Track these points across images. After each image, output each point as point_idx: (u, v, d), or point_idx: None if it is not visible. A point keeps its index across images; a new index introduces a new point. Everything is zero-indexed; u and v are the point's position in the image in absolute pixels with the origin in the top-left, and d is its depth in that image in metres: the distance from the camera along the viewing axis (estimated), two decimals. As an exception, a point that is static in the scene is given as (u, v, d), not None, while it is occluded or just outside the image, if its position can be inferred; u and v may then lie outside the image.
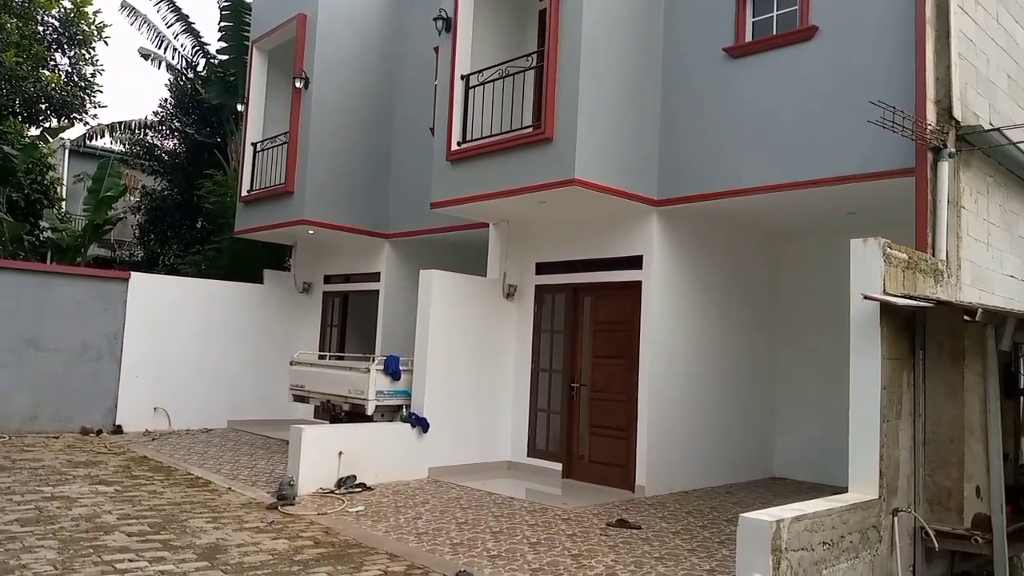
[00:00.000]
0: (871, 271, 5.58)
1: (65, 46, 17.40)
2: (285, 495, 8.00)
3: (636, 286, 9.50)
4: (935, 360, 5.87)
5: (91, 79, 17.76)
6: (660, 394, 9.33)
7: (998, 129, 7.19)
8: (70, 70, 17.65)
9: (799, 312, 10.97)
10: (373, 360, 9.91)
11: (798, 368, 10.91)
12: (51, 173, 16.79)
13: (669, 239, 9.51)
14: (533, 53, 9.54)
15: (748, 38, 8.63)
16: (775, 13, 8.56)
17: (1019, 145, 7.34)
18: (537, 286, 10.76)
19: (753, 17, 8.72)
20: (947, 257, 6.68)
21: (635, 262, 9.54)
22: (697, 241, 9.88)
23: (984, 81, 7.73)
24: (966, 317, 5.58)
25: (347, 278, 14.51)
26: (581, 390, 10.12)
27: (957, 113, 6.97)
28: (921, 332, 5.90)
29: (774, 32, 8.46)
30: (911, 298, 5.52)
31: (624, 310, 9.65)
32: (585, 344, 10.21)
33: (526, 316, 10.81)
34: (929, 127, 6.75)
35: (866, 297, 5.43)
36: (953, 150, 6.86)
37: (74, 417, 12.26)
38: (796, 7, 8.26)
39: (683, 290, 9.71)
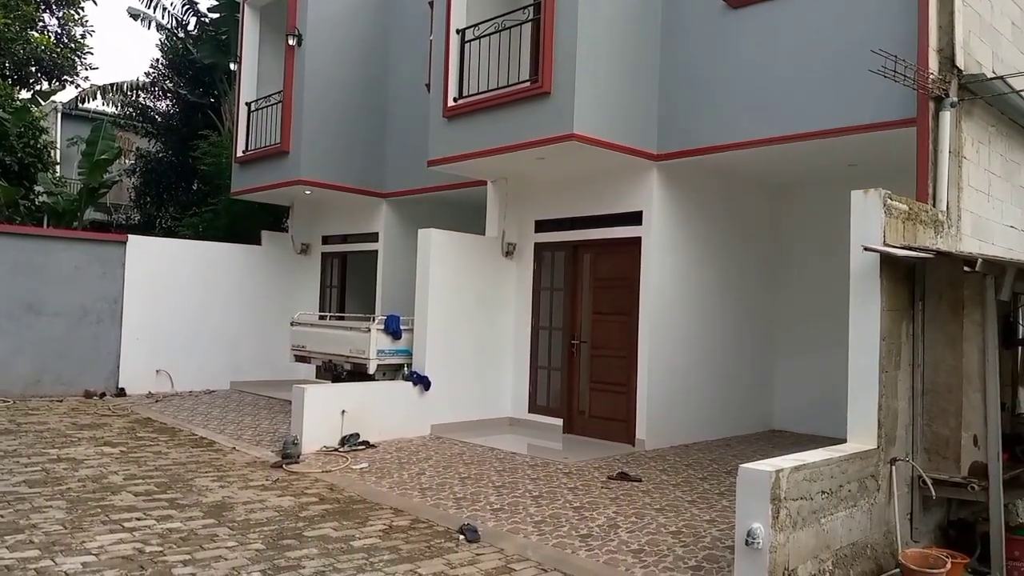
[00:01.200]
0: (871, 222, 5.55)
1: (54, 6, 17.11)
2: (289, 454, 8.08)
3: (636, 242, 9.47)
4: (934, 311, 5.88)
5: (81, 40, 17.52)
6: (660, 350, 9.37)
7: (1001, 77, 7.09)
8: (59, 31, 17.39)
9: (800, 266, 10.97)
10: (374, 320, 9.94)
11: (798, 322, 10.94)
12: (44, 137, 16.62)
13: (669, 194, 9.46)
14: (529, 6, 9.35)
15: (748, -13, 8.46)
16: (775, -39, 8.38)
17: (1022, 93, 7.25)
18: (536, 244, 10.73)
19: (753, -35, 8.54)
20: (948, 208, 6.64)
21: (635, 218, 9.50)
22: (697, 196, 9.83)
23: (988, 29, 7.61)
24: (966, 267, 5.55)
25: (345, 238, 14.47)
26: (581, 347, 10.16)
27: (960, 62, 6.87)
28: (921, 283, 5.90)
29: (775, -20, 8.29)
30: (911, 249, 5.51)
31: (624, 266, 9.64)
32: (585, 301, 10.22)
33: (525, 274, 10.81)
34: (931, 76, 6.65)
35: (866, 248, 5.41)
36: (955, 99, 6.78)
37: (77, 380, 12.33)
38: (797, -46, 8.08)
39: (683, 245, 9.69)
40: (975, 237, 7.10)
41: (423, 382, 9.65)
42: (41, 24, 17.02)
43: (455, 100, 9.69)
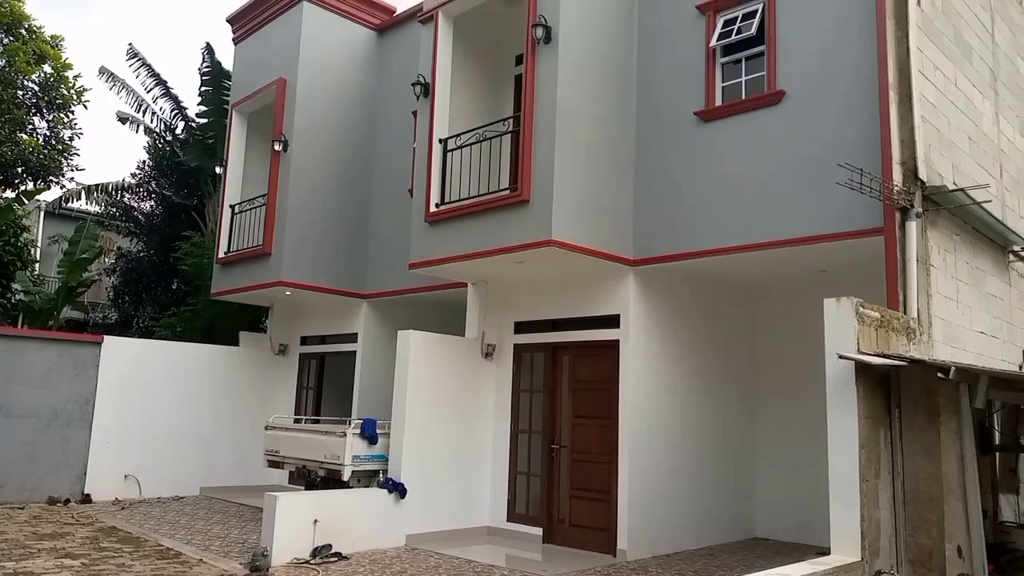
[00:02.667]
0: (845, 330, 5.64)
1: (44, 110, 17.47)
2: (259, 566, 7.76)
3: (614, 345, 9.51)
4: (911, 418, 5.90)
5: (69, 142, 17.80)
6: (640, 455, 9.26)
7: (962, 189, 7.39)
8: (48, 133, 17.69)
9: (776, 368, 11.01)
10: (349, 423, 9.77)
11: (777, 425, 10.90)
12: (25, 235, 16.66)
13: (646, 298, 9.57)
14: (509, 118, 9.71)
15: (718, 102, 8.86)
16: (744, 78, 8.81)
17: (982, 205, 7.53)
18: (516, 345, 10.74)
19: (723, 82, 8.97)
20: (918, 315, 6.78)
21: (612, 321, 9.57)
22: (674, 299, 9.96)
23: (946, 143, 7.98)
24: (940, 375, 5.63)
25: (324, 339, 14.39)
26: (561, 451, 10.02)
27: (922, 174, 7.16)
28: (896, 390, 5.95)
29: (743, 96, 8.70)
30: (885, 356, 5.58)
31: (603, 369, 9.64)
32: (564, 404, 10.15)
33: (505, 376, 10.76)
34: (896, 188, 6.92)
35: (841, 356, 5.48)
36: (920, 210, 7.03)
37: (41, 486, 11.90)
38: (764, 72, 8.52)
39: (661, 349, 9.73)
40: (947, 344, 7.21)
41: (399, 489, 9.42)
42: (31, 127, 17.33)
43: (437, 206, 9.89)
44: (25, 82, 17.04)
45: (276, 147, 12.81)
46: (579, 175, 8.85)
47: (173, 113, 19.87)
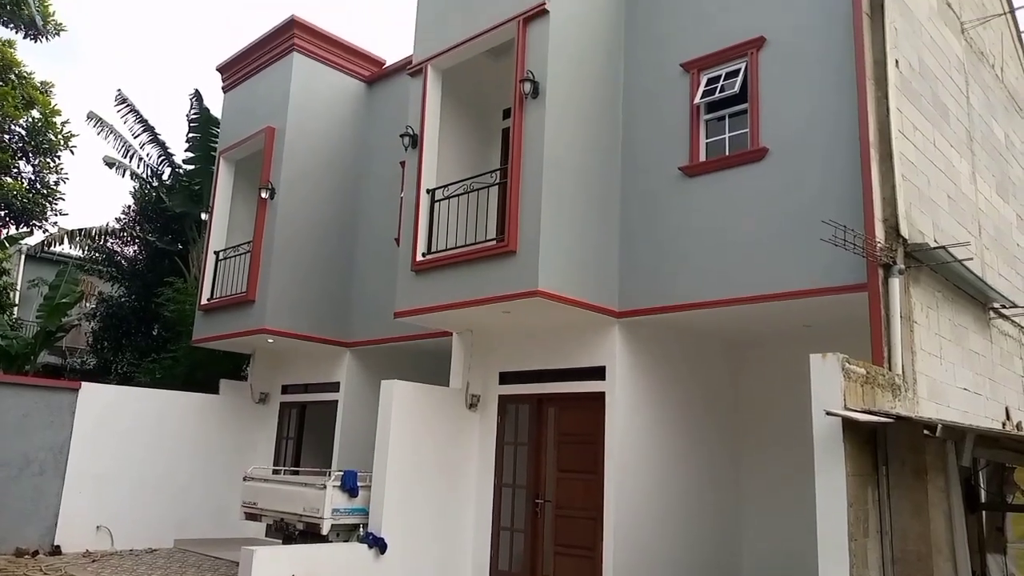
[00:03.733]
0: (831, 386, 5.64)
1: (30, 154, 17.43)
2: (232, 624, 7.52)
3: (599, 397, 9.44)
4: (898, 476, 5.87)
5: (54, 187, 17.74)
6: (626, 511, 9.12)
7: (943, 247, 7.48)
8: (33, 178, 17.62)
9: (762, 421, 10.95)
10: (330, 475, 9.59)
11: (763, 480, 10.79)
12: (4, 278, 16.47)
13: (631, 350, 9.55)
14: (497, 170, 9.79)
15: (702, 158, 8.98)
16: (727, 135, 8.96)
17: (964, 262, 7.63)
18: (501, 396, 10.64)
19: (707, 138, 9.11)
20: (903, 371, 6.79)
21: (598, 372, 9.53)
22: (659, 351, 9.94)
23: (927, 201, 8.11)
24: (926, 432, 5.62)
25: (305, 388, 14.21)
26: (546, 506, 9.86)
27: (904, 231, 7.25)
28: (883, 447, 5.92)
29: (727, 152, 8.83)
30: (872, 413, 5.57)
31: (588, 422, 9.55)
32: (549, 457, 10.03)
33: (489, 428, 10.63)
34: (879, 245, 7.00)
35: (828, 413, 5.46)
36: (902, 267, 7.10)
37: (9, 537, 11.53)
38: (747, 130, 8.67)
39: (646, 401, 9.67)
40: (932, 400, 7.22)
41: (379, 544, 9.21)
42: (16, 170, 17.26)
43: (424, 255, 9.89)
44: (12, 126, 17.04)
45: (263, 194, 12.83)
46: (565, 227, 8.91)
47: (160, 159, 19.91)
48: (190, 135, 18.27)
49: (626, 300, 9.32)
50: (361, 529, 9.46)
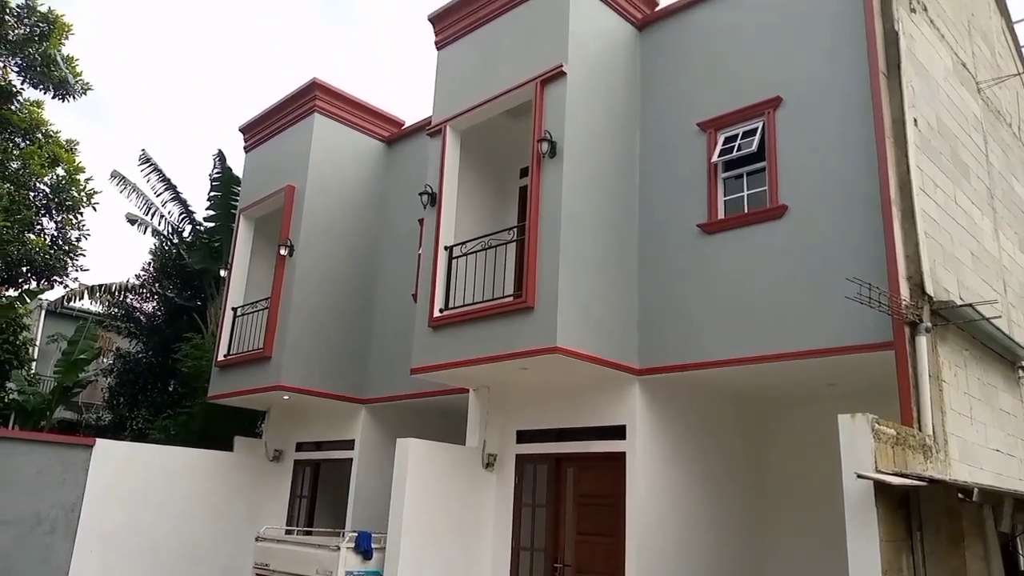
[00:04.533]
0: (861, 448, 5.49)
1: (53, 211, 17.69)
2: None
3: (620, 457, 9.25)
4: (933, 542, 5.66)
5: (76, 243, 17.95)
6: (647, 575, 8.84)
7: (970, 304, 7.37)
8: (55, 234, 17.86)
9: (787, 483, 10.67)
10: (344, 536, 9.40)
11: (790, 544, 10.46)
12: (24, 333, 16.55)
13: (652, 408, 9.39)
14: (514, 227, 9.82)
15: (721, 215, 8.96)
16: (745, 192, 8.95)
17: (991, 320, 7.50)
18: (518, 455, 10.45)
19: (725, 195, 9.11)
20: (934, 432, 6.62)
21: (618, 432, 9.35)
22: (680, 410, 9.76)
23: (950, 258, 8.03)
24: (961, 496, 5.44)
25: (319, 445, 14.04)
26: (564, 571, 9.58)
27: (929, 289, 7.15)
28: (916, 512, 5.73)
29: (746, 210, 8.81)
30: (905, 476, 5.40)
31: (608, 483, 9.34)
32: (568, 519, 9.79)
33: (506, 488, 10.42)
34: (904, 302, 6.90)
35: (860, 476, 5.30)
36: (929, 325, 6.98)
37: (16, 599, 11.33)
38: (766, 187, 8.66)
39: (667, 461, 9.46)
40: (964, 462, 7.01)
41: (394, 608, 8.96)
42: (39, 227, 17.50)
43: (441, 311, 9.86)
44: (37, 184, 17.35)
45: (282, 251, 12.92)
46: (583, 283, 8.87)
47: (181, 216, 20.18)
48: (211, 193, 18.54)
49: (646, 357, 9.21)
50: (375, 593, 9.23)
